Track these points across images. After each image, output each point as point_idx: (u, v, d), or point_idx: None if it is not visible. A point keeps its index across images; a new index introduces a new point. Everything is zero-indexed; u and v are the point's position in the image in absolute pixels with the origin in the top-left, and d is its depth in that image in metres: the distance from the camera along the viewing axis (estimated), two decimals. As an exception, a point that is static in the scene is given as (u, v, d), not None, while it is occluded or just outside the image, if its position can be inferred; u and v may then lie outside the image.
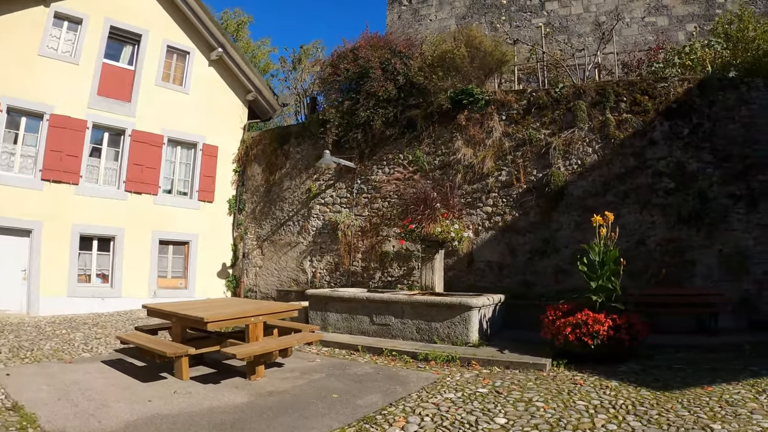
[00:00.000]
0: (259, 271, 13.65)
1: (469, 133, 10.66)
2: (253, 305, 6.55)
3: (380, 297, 8.28)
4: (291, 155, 13.42)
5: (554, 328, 7.02)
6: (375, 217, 11.69)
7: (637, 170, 9.43)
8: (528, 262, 9.87)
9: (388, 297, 8.21)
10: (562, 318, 7.06)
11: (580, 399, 5.18)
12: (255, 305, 6.54)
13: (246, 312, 5.87)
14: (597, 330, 6.64)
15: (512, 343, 7.69)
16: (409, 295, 8.32)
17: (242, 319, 5.81)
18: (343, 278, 11.97)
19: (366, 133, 11.70)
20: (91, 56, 12.04)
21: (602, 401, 5.08)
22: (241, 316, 5.78)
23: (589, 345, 6.61)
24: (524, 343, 7.62)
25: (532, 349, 7.19)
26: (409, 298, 7.97)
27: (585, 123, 9.84)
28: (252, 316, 5.85)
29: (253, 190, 14.18)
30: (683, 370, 6.36)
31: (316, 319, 8.81)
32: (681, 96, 9.49)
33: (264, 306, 6.36)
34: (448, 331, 7.67)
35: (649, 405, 4.90)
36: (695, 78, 9.67)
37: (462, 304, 7.56)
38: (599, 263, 7.24)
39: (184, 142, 13.86)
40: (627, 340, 6.71)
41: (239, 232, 14.22)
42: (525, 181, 10.08)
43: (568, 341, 6.75)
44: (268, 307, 6.27)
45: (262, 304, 6.67)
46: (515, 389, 5.60)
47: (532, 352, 7.04)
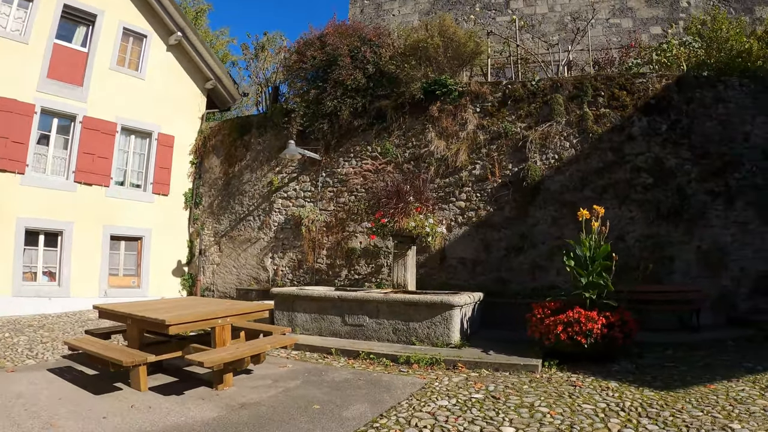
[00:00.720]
0: (216, 268, 12.64)
1: (441, 125, 10.14)
2: (220, 305, 5.73)
3: (353, 296, 7.59)
4: (252, 146, 12.51)
5: (543, 327, 6.58)
6: (341, 211, 10.98)
7: (616, 165, 9.20)
8: (503, 258, 9.43)
9: (362, 296, 7.53)
10: (551, 316, 6.65)
11: (585, 402, 4.79)
12: (221, 305, 5.71)
13: (212, 313, 5.06)
14: (590, 328, 6.25)
15: (494, 343, 7.22)
16: (384, 293, 7.66)
17: (209, 321, 5.00)
18: (306, 276, 11.17)
19: (333, 124, 10.98)
20: (42, 36, 10.94)
21: (608, 404, 4.71)
22: (207, 317, 4.97)
23: (582, 344, 6.22)
24: (507, 343, 7.19)
25: (517, 350, 6.77)
26: (385, 297, 7.31)
27: (562, 117, 9.53)
28: (219, 318, 5.05)
29: (211, 183, 13.17)
30: (677, 368, 6.14)
31: (282, 319, 8.00)
32: (659, 92, 9.36)
33: (232, 306, 5.54)
34: (427, 332, 7.07)
35: (658, 406, 4.60)
36: (673, 75, 9.59)
37: (443, 302, 6.98)
38: (589, 258, 6.82)
39: (138, 131, 12.84)
40: (620, 338, 6.39)
41: (196, 228, 13.18)
42: (500, 176, 9.65)
43: (560, 340, 6.32)
44: (236, 307, 5.46)
45: (229, 304, 5.85)
46: (512, 394, 5.14)
47: (519, 353, 6.60)
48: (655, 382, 5.48)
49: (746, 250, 8.88)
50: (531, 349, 6.72)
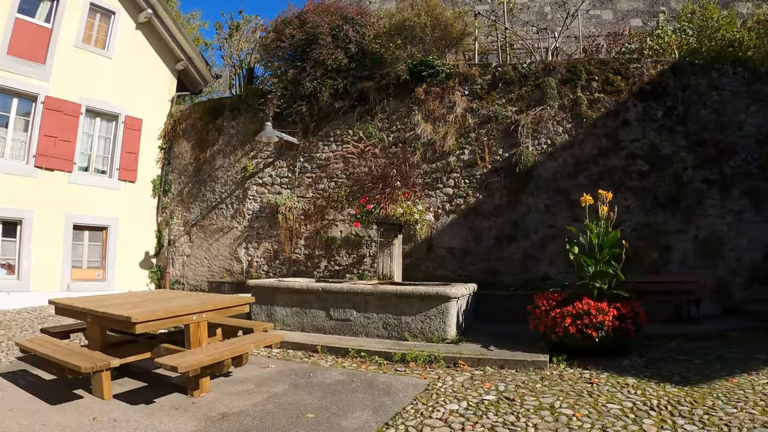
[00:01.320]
0: (186, 260, 11.70)
1: (428, 108, 9.50)
2: (194, 299, 4.94)
3: (339, 287, 6.87)
4: (224, 130, 11.60)
5: (549, 320, 6.07)
6: (320, 198, 10.21)
7: (611, 152, 8.76)
8: (494, 248, 8.87)
9: (349, 287, 6.82)
10: (557, 308, 6.11)
11: (609, 402, 4.30)
12: (196, 299, 4.92)
13: (186, 308, 4.29)
14: (601, 320, 5.78)
15: (493, 337, 6.70)
16: (373, 285, 6.96)
17: (182, 318, 4.23)
18: (283, 267, 10.37)
19: (312, 106, 10.20)
20: (3, 9, 10.00)
21: (634, 403, 4.24)
22: (180, 313, 4.19)
23: (593, 337, 5.75)
24: (506, 338, 6.70)
25: (519, 344, 6.27)
26: (374, 289, 6.63)
27: (555, 101, 9.02)
28: (194, 314, 4.27)
29: (181, 169, 12.20)
30: (690, 362, 5.75)
31: (260, 314, 7.22)
32: (654, 78, 8.99)
33: (208, 300, 4.76)
34: (421, 326, 6.42)
35: (687, 403, 4.19)
36: (668, 61, 9.21)
37: (439, 294, 6.35)
38: (597, 246, 6.30)
39: (104, 113, 11.82)
40: (632, 330, 5.95)
41: (164, 217, 12.20)
42: (490, 161, 9.07)
43: (568, 334, 5.83)
44: (213, 301, 4.68)
45: (205, 298, 5.05)
46: (527, 394, 4.60)
47: (523, 348, 6.10)
48: (674, 377, 5.08)
49: (741, 239, 8.60)
50: (534, 343, 6.27)
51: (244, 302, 4.87)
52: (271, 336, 4.71)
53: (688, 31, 10.11)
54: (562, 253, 8.62)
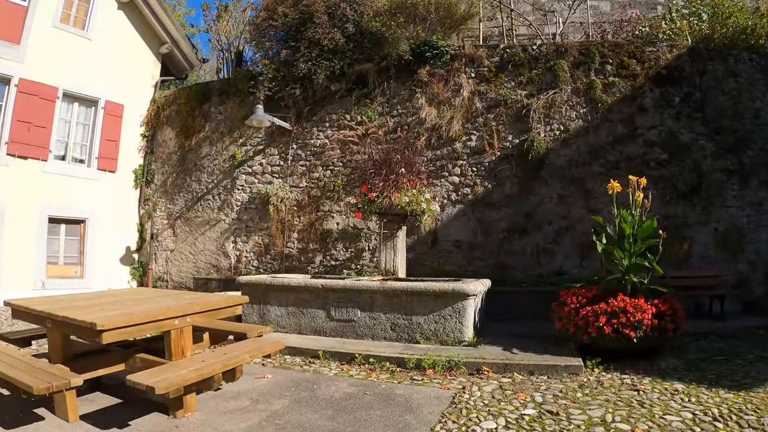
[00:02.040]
0: (170, 255, 10.73)
1: (432, 91, 8.68)
2: (177, 299, 4.06)
3: (341, 285, 6.01)
4: (211, 116, 10.63)
5: (579, 319, 5.33)
6: (315, 188, 9.33)
7: (627, 139, 8.04)
8: (504, 241, 8.11)
9: (352, 284, 5.97)
10: (587, 305, 5.32)
11: (665, 413, 3.63)
12: (179, 299, 4.05)
13: (167, 311, 3.43)
14: (640, 319, 5.07)
15: (511, 338, 5.97)
16: (380, 281, 6.12)
17: (161, 323, 3.36)
18: (274, 263, 9.47)
19: (306, 89, 9.30)
20: None
21: (694, 413, 3.59)
22: (159, 317, 3.34)
23: (632, 338, 5.05)
24: (526, 338, 5.97)
25: (543, 346, 5.55)
26: (381, 286, 5.79)
27: (567, 84, 8.28)
28: (176, 317, 3.40)
29: (165, 158, 11.22)
30: (732, 362, 5.14)
31: (252, 314, 6.33)
32: (671, 62, 8.29)
33: (193, 300, 3.89)
34: (435, 327, 5.61)
35: (751, 411, 3.60)
36: (684, 45, 8.51)
37: (456, 291, 5.54)
38: (632, 236, 5.56)
39: (83, 98, 10.78)
40: (671, 329, 5.20)
41: (147, 209, 11.20)
42: (499, 148, 8.29)
43: (603, 334, 5.10)
44: (200, 301, 3.82)
45: (189, 298, 4.16)
46: (570, 406, 3.89)
47: (549, 350, 5.38)
48: (723, 381, 4.45)
49: (761, 232, 7.96)
50: (560, 345, 5.54)
51: (236, 303, 4.00)
52: (270, 344, 3.84)
53: (702, 16, 9.46)
54: (578, 247, 7.91)
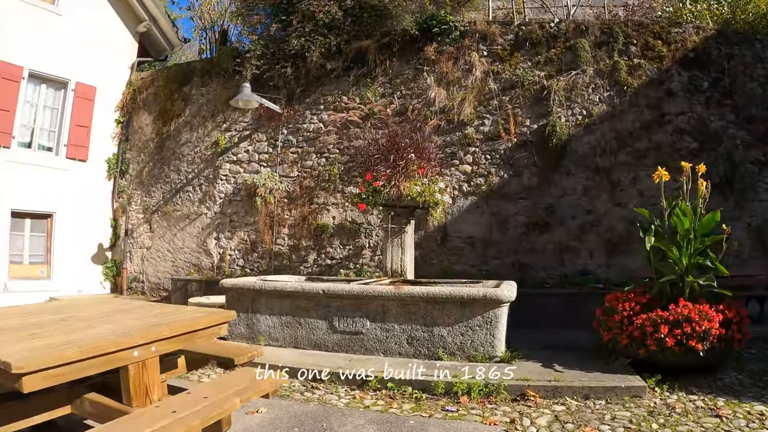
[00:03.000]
0: (147, 253, 9.47)
1: (441, 70, 7.57)
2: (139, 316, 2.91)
3: (347, 290, 4.89)
4: (192, 99, 9.39)
5: (634, 329, 4.33)
6: (308, 178, 8.17)
7: (655, 125, 7.11)
8: (522, 237, 7.09)
9: (361, 290, 4.85)
10: (641, 313, 4.35)
11: None
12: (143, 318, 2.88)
13: (121, 339, 2.32)
14: (707, 329, 4.12)
15: (545, 351, 5.00)
16: (392, 284, 5.03)
17: (113, 356, 2.17)
18: (262, 261, 8.30)
19: (298, 68, 8.14)
20: None
21: None
22: (107, 350, 2.22)
23: (697, 351, 4.11)
24: (564, 351, 4.99)
25: (587, 360, 4.60)
26: (396, 291, 4.69)
27: (589, 65, 7.30)
28: (136, 347, 2.25)
29: (141, 146, 9.93)
30: None
31: (238, 324, 5.17)
32: (698, 45, 7.36)
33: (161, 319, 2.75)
34: (461, 341, 4.55)
35: None
36: (711, 27, 7.59)
37: (488, 297, 4.49)
38: (692, 231, 4.59)
39: (51, 79, 9.36)
40: (737, 340, 4.30)
41: (121, 203, 9.89)
42: (516, 133, 7.26)
43: (665, 347, 4.10)
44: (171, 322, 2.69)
45: (159, 313, 2.99)
46: None
47: (596, 366, 4.41)
48: None
49: (795, 227, 7.08)
50: (606, 358, 4.59)
51: (220, 322, 2.86)
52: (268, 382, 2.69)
53: (722, 0, 8.61)
54: (604, 244, 6.94)
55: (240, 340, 5.17)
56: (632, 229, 6.89)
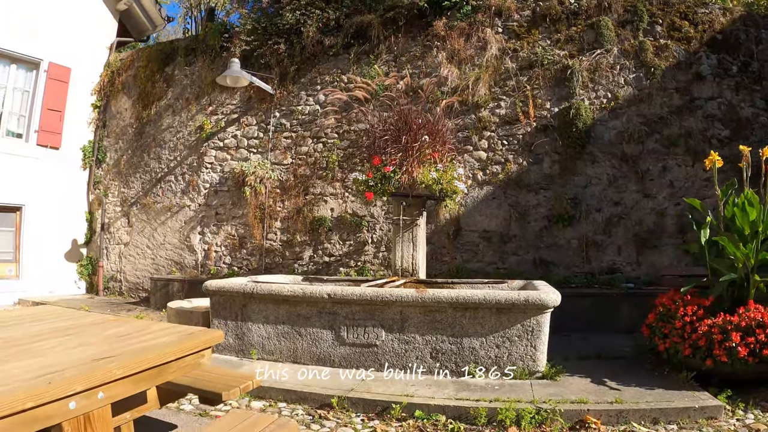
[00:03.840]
0: (124, 250, 8.45)
1: (452, 47, 6.68)
2: (89, 342, 1.94)
3: (357, 294, 3.97)
4: (176, 80, 8.38)
5: (698, 336, 3.56)
6: (303, 165, 7.23)
7: (685, 111, 6.33)
8: (543, 231, 6.26)
9: (374, 294, 3.93)
10: (704, 318, 3.58)
11: None
12: (92, 342, 1.94)
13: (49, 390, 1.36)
14: None
15: (589, 361, 4.32)
16: (414, 287, 4.14)
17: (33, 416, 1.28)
18: (252, 259, 7.34)
19: (293, 44, 7.20)
20: None
21: None
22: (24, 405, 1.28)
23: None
24: (610, 362, 4.28)
25: (640, 373, 3.90)
26: (419, 295, 3.79)
27: (613, 45, 6.47)
28: (73, 396, 1.42)
29: (119, 132, 8.90)
30: None
31: (225, 333, 4.23)
32: (726, 26, 6.61)
33: (115, 344, 1.85)
34: (496, 354, 3.69)
35: None
36: (738, 9, 6.85)
37: (530, 302, 3.64)
38: (758, 224, 3.83)
39: (22, 59, 8.32)
40: None
41: (97, 194, 8.85)
42: (535, 117, 6.41)
43: (736, 358, 3.28)
44: (125, 351, 1.77)
45: (110, 338, 2.03)
46: None
47: (654, 380, 3.70)
48: None
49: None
50: (660, 369, 3.92)
51: (202, 348, 1.94)
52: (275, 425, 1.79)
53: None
54: (633, 239, 6.14)
55: (228, 354, 4.25)
56: (662, 222, 6.14)
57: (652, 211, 6.11)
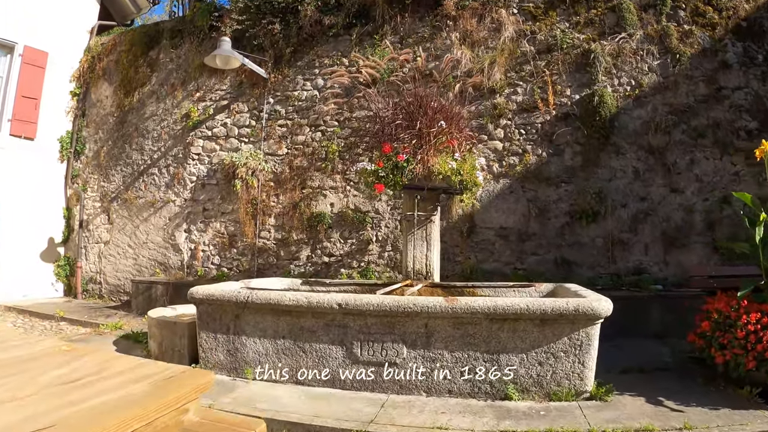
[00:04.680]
0: (104, 249, 7.67)
1: (464, 28, 6.03)
2: (18, 395, 1.22)
3: (375, 303, 3.30)
4: (160, 65, 7.60)
5: (765, 348, 3.00)
6: (299, 156, 6.52)
7: (712, 100, 5.79)
8: (565, 228, 5.64)
9: (394, 304, 3.27)
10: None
11: None
12: (20, 396, 1.19)
13: None
14: None
15: (630, 376, 3.71)
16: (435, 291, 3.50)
17: None
18: (243, 259, 6.62)
19: (288, 24, 6.48)
20: None
21: None
22: None
23: None
24: (652, 375, 3.75)
25: (691, 388, 3.37)
26: (449, 305, 3.15)
27: (636, 29, 5.89)
28: None
29: (99, 121, 8.09)
30: None
31: (214, 349, 3.55)
32: (750, 13, 6.07)
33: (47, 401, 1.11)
34: (538, 372, 3.08)
35: None
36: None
37: (580, 311, 3.03)
38: None
39: None
40: None
41: (75, 189, 8.04)
42: (555, 104, 5.79)
43: None
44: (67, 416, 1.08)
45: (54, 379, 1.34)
46: None
47: (711, 397, 3.19)
48: None
49: None
50: (714, 383, 3.41)
51: (182, 403, 1.29)
52: None
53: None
54: (660, 237, 5.58)
55: (218, 372, 3.55)
56: (690, 219, 5.58)
57: (679, 206, 5.55)
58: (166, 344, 3.99)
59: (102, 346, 4.52)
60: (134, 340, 4.76)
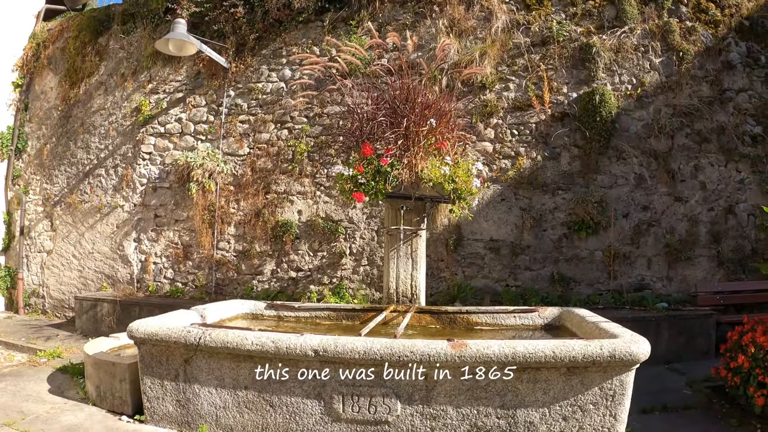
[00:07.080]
0: (47, 259, 6.78)
1: (451, 15, 5.42)
2: None
3: (362, 349, 2.61)
4: (110, 53, 6.74)
5: None
6: (263, 157, 5.77)
7: (715, 103, 5.42)
8: (563, 241, 5.13)
9: (386, 349, 2.59)
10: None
11: None
12: None
13: None
14: None
15: (653, 417, 3.31)
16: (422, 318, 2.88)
17: None
18: (199, 273, 5.82)
19: (253, 8, 5.73)
20: None
21: None
22: None
23: None
24: (677, 414, 3.35)
25: None
26: (456, 353, 2.52)
27: (637, 23, 5.44)
28: None
29: (43, 116, 7.16)
30: None
31: (161, 398, 2.83)
32: (752, 12, 5.75)
33: None
34: (561, 428, 2.55)
35: None
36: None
37: (616, 356, 2.45)
38: None
39: None
40: None
41: (16, 191, 7.05)
42: (551, 103, 5.26)
43: None
44: None
45: None
46: None
47: None
48: None
49: None
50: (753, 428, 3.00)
51: None
52: None
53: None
54: (663, 250, 5.15)
55: (166, 426, 2.82)
56: (695, 230, 5.17)
57: (683, 217, 5.13)
58: (104, 388, 3.22)
59: (31, 384, 3.71)
60: (72, 373, 3.98)
